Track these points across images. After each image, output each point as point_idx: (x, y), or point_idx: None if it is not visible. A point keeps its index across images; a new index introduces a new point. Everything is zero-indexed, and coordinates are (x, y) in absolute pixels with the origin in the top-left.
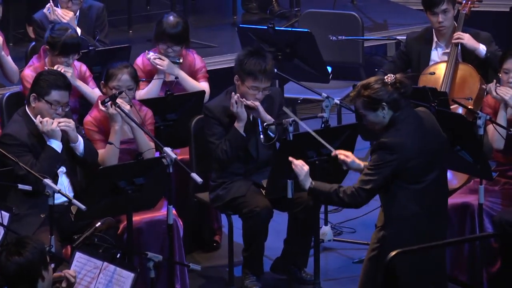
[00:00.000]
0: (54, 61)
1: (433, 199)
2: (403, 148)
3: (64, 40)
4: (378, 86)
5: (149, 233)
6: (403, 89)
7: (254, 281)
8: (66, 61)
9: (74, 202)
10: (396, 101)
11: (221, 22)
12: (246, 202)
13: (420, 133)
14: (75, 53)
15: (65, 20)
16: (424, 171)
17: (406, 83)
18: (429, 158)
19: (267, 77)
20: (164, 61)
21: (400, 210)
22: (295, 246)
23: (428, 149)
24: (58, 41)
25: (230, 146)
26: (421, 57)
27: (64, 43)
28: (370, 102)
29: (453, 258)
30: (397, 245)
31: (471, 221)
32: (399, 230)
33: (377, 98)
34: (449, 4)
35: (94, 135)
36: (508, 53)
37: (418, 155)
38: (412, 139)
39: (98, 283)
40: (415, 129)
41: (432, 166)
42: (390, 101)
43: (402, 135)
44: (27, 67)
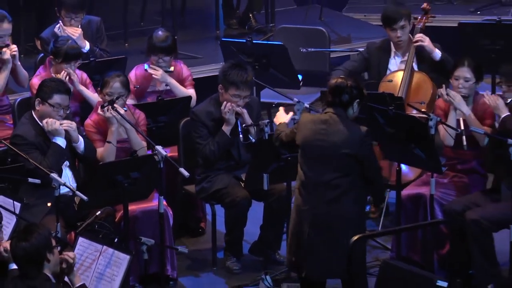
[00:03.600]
0: (58, 69)
1: (304, 188)
2: (303, 124)
3: (66, 49)
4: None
5: (143, 220)
6: (329, 89)
7: (234, 262)
8: (69, 67)
9: (77, 193)
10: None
11: (206, 36)
12: (228, 193)
13: (316, 130)
14: (76, 60)
15: (75, 36)
16: (304, 160)
17: (330, 87)
18: (313, 153)
19: (247, 87)
20: (158, 71)
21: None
22: (270, 232)
23: (313, 142)
24: (60, 50)
25: (218, 147)
26: (381, 65)
27: (66, 52)
28: None
29: (408, 241)
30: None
31: (424, 209)
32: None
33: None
34: (406, 20)
35: (93, 135)
36: (459, 62)
37: (304, 144)
38: (308, 127)
39: (99, 264)
40: (317, 124)
41: (315, 161)
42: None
43: (309, 119)
44: (34, 77)
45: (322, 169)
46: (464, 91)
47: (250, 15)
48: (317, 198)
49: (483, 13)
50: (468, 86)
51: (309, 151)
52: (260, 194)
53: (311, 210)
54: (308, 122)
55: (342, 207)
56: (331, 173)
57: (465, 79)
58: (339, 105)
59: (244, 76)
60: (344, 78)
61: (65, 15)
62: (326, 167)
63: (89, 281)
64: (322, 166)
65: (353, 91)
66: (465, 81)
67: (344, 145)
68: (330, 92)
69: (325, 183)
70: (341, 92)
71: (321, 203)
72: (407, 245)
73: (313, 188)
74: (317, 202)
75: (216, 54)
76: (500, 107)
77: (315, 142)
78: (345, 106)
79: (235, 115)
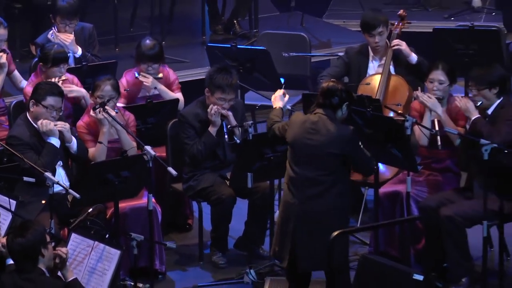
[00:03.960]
0: (49, 74)
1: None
2: (293, 122)
3: (53, 53)
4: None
5: (133, 217)
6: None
7: (220, 256)
8: (59, 70)
9: (70, 191)
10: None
11: (192, 41)
12: (214, 191)
13: (305, 129)
14: (64, 63)
15: (67, 42)
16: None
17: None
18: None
19: (232, 90)
20: (149, 79)
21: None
22: (254, 228)
23: (301, 141)
24: (48, 55)
25: (204, 147)
26: (361, 69)
27: (54, 56)
28: None
29: (386, 237)
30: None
31: (400, 206)
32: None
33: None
34: (384, 27)
35: (85, 136)
36: (433, 66)
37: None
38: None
39: (90, 259)
40: (306, 124)
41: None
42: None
43: (299, 119)
44: (27, 85)
45: (309, 166)
46: (439, 93)
47: (235, 22)
48: (304, 193)
49: (456, 19)
50: (442, 89)
51: (298, 149)
52: (244, 192)
53: (298, 205)
54: (299, 121)
55: (326, 202)
56: (317, 170)
57: (439, 82)
58: (329, 107)
59: (229, 80)
60: (336, 82)
61: (60, 22)
62: (313, 164)
63: (81, 275)
64: (309, 163)
65: (343, 94)
66: (439, 83)
67: (331, 145)
68: (322, 94)
69: (311, 180)
70: (332, 95)
71: (307, 198)
72: (384, 240)
73: (301, 184)
74: (303, 198)
75: (202, 58)
76: (471, 109)
77: (304, 141)
78: (334, 108)
79: (220, 117)
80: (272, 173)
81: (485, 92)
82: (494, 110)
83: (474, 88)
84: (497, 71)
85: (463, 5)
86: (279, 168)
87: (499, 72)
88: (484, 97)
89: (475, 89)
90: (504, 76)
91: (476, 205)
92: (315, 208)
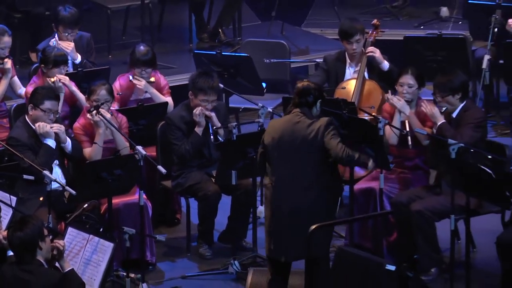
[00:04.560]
0: (50, 75)
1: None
2: (270, 127)
3: (53, 56)
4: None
5: (125, 212)
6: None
7: (206, 248)
8: (59, 71)
9: (66, 188)
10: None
11: (180, 48)
12: (200, 188)
13: (284, 129)
14: (64, 65)
15: (68, 50)
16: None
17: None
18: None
19: (214, 92)
20: (142, 82)
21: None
22: (237, 222)
23: (281, 139)
24: (49, 57)
25: (192, 147)
26: (338, 75)
27: (55, 59)
28: None
29: (361, 230)
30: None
31: (374, 201)
32: (266, 194)
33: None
34: (361, 35)
35: (81, 137)
36: (403, 71)
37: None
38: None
39: (86, 251)
40: (284, 123)
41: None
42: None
43: (275, 122)
44: (29, 85)
45: (294, 163)
46: (408, 96)
47: (220, 30)
48: (291, 189)
49: (425, 27)
50: (412, 92)
51: (278, 148)
52: (228, 189)
53: (283, 201)
54: (277, 124)
55: (313, 196)
56: (303, 166)
57: (408, 86)
58: (305, 105)
59: (211, 83)
60: (309, 81)
61: (62, 31)
62: (298, 160)
63: (77, 266)
64: (292, 160)
65: (316, 92)
66: (408, 87)
67: (311, 135)
68: (298, 94)
69: (297, 175)
70: (307, 94)
71: (294, 193)
72: (359, 233)
73: (288, 180)
74: (291, 193)
75: (190, 64)
76: (436, 115)
77: (285, 138)
78: (310, 106)
79: (205, 118)
80: (255, 171)
81: (448, 98)
82: (458, 113)
83: (438, 95)
84: (458, 77)
85: (432, 15)
86: (261, 167)
87: (460, 79)
88: (448, 103)
89: (440, 96)
90: (465, 81)
91: (444, 200)
92: (303, 201)
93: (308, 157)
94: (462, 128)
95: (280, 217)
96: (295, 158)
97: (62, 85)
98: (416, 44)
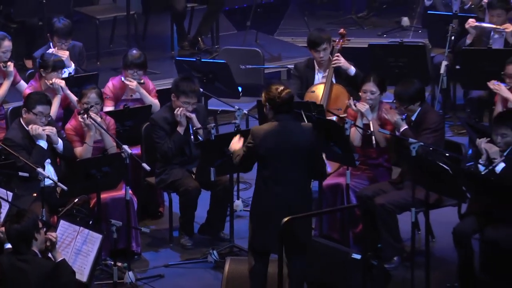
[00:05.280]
0: (48, 78)
1: (273, 183)
2: (258, 137)
3: (52, 61)
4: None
5: (112, 206)
6: (280, 101)
7: (187, 239)
8: (56, 75)
9: (58, 184)
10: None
11: (163, 55)
12: (182, 183)
13: (276, 137)
14: (62, 69)
15: (64, 58)
16: (271, 161)
17: (285, 99)
18: (277, 156)
19: (194, 95)
20: (133, 82)
21: (257, 183)
22: (216, 215)
23: (278, 147)
24: (48, 62)
25: (174, 145)
26: (308, 80)
27: (53, 63)
28: (264, 100)
29: (329, 222)
30: (254, 208)
31: (341, 196)
32: (256, 197)
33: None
34: (327, 43)
35: (73, 137)
36: (366, 78)
37: (268, 148)
38: (268, 137)
39: (76, 242)
40: (274, 130)
41: (280, 161)
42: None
43: (263, 130)
44: (27, 88)
45: (284, 167)
46: (371, 101)
47: (199, 39)
48: (284, 188)
49: (388, 36)
50: (374, 98)
51: (272, 155)
52: (208, 184)
53: (279, 198)
54: (266, 132)
55: (301, 194)
56: (291, 169)
57: (371, 92)
58: (288, 111)
59: (192, 87)
60: (289, 90)
61: (57, 40)
62: (287, 165)
63: (68, 256)
64: (284, 164)
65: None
66: (371, 93)
67: (301, 142)
68: (284, 102)
69: (286, 178)
70: (290, 102)
71: (287, 191)
72: (328, 225)
73: (281, 180)
74: (281, 193)
75: (172, 70)
76: (399, 122)
77: (278, 146)
78: (291, 112)
79: (186, 119)
80: (232, 168)
81: (408, 107)
82: (417, 116)
83: (399, 106)
84: (414, 86)
85: (394, 24)
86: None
87: (416, 87)
88: (408, 111)
89: (401, 106)
90: (422, 89)
91: (405, 194)
92: (296, 199)
93: (296, 160)
94: (422, 133)
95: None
96: (286, 162)
97: (60, 87)
98: (379, 51)
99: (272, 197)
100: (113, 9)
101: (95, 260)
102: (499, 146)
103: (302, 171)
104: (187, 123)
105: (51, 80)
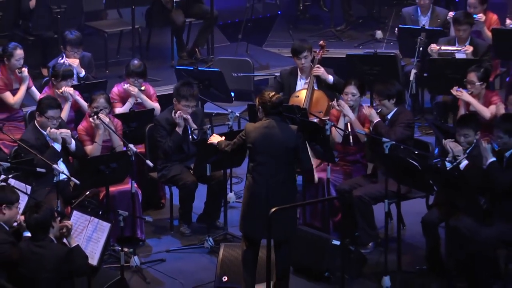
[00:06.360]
0: (59, 86)
1: (260, 175)
2: (249, 131)
3: (62, 71)
4: (264, 98)
5: (120, 198)
6: (271, 104)
7: (186, 227)
8: (66, 83)
9: (72, 179)
10: (266, 109)
11: (164, 65)
12: (181, 178)
13: (264, 132)
14: (71, 78)
15: (74, 65)
16: (258, 154)
17: (275, 103)
18: (265, 150)
19: (194, 99)
20: (134, 89)
21: (247, 175)
22: (211, 206)
23: (265, 141)
24: (59, 72)
25: (173, 143)
26: (291, 86)
27: (63, 74)
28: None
29: (312, 212)
30: (243, 197)
31: (322, 188)
32: (245, 187)
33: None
34: (308, 52)
35: (84, 137)
36: (348, 82)
37: (256, 140)
38: (257, 132)
39: (88, 230)
40: (263, 126)
41: (267, 155)
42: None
43: (254, 126)
44: (42, 94)
45: (270, 160)
46: (351, 103)
47: (196, 50)
48: (272, 181)
49: (363, 47)
50: (355, 99)
51: (260, 148)
52: (204, 179)
53: (264, 191)
54: (256, 128)
55: (286, 187)
56: (277, 163)
57: (352, 94)
58: (278, 113)
59: (191, 91)
60: (279, 95)
61: (69, 50)
62: (273, 159)
63: (80, 242)
64: (270, 158)
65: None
66: (352, 95)
67: (287, 141)
68: (275, 106)
69: (272, 171)
70: (280, 105)
71: (274, 185)
72: (310, 215)
73: (269, 174)
74: (272, 184)
75: (172, 77)
76: (373, 115)
77: (265, 140)
78: (280, 115)
79: (183, 120)
80: (225, 164)
81: (384, 102)
82: (392, 115)
83: (376, 99)
84: (394, 86)
85: (368, 37)
86: (232, 161)
87: (396, 87)
88: (383, 106)
89: (377, 99)
90: (400, 90)
91: (379, 187)
92: (281, 191)
93: (281, 157)
94: (394, 127)
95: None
96: (271, 157)
97: (69, 94)
98: (356, 60)
99: (256, 188)
100: (120, 24)
101: (104, 246)
102: (462, 145)
103: (286, 165)
104: (185, 124)
105: (61, 89)
